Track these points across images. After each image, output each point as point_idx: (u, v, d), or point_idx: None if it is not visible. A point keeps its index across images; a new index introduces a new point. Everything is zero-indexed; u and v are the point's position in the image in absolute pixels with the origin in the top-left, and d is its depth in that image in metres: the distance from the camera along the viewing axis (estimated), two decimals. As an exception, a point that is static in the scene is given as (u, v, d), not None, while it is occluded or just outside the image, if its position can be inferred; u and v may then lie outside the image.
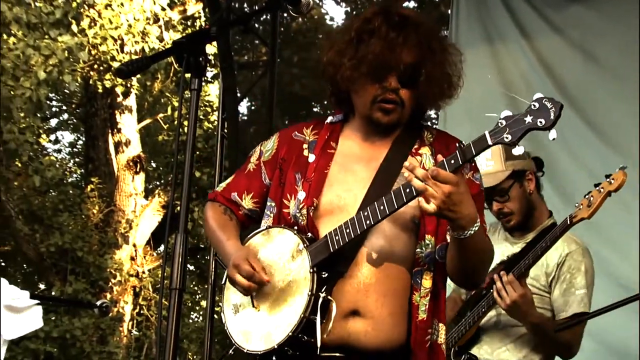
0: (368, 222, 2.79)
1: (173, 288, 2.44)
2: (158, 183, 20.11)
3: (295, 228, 2.96)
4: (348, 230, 2.82)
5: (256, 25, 10.35)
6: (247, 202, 3.20)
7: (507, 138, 2.60)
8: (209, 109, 16.46)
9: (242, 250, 3.00)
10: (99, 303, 5.17)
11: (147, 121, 18.30)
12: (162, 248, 17.09)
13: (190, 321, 18.33)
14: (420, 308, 2.91)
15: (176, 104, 16.24)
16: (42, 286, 18.23)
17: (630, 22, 6.28)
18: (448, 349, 4.28)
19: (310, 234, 2.92)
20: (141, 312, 16.08)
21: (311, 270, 2.84)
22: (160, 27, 14.98)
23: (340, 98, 3.12)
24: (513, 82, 6.95)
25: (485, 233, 2.92)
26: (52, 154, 20.21)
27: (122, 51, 14.38)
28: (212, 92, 16.45)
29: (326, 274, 2.85)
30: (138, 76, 15.40)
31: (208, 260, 10.19)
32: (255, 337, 2.94)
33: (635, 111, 6.15)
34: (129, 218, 15.85)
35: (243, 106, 16.17)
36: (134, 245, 15.89)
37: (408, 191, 2.70)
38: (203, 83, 2.68)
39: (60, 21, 12.30)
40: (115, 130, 16.39)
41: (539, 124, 2.59)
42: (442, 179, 2.60)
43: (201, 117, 16.10)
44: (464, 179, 2.73)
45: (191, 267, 17.84)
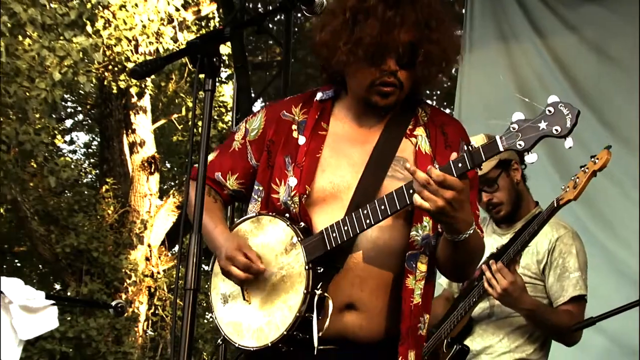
0: (368, 222, 2.71)
1: (187, 288, 2.44)
2: (172, 183, 20.17)
3: (286, 216, 2.87)
4: (346, 228, 2.73)
5: (270, 25, 10.34)
6: (232, 183, 3.08)
7: (520, 145, 2.48)
8: (223, 110, 16.49)
9: (233, 239, 2.90)
10: (114, 303, 5.17)
11: (162, 122, 18.34)
12: (177, 248, 17.12)
13: (205, 321, 18.31)
14: (415, 292, 2.82)
15: (190, 105, 16.26)
16: (58, 286, 18.31)
17: (644, 21, 6.26)
18: (440, 341, 4.28)
19: (302, 223, 2.83)
20: (156, 313, 16.11)
21: (306, 266, 2.76)
22: (174, 28, 15.00)
23: (332, 77, 2.99)
24: (527, 82, 6.93)
25: (478, 231, 2.82)
26: (68, 155, 20.28)
27: (137, 52, 14.40)
28: (227, 93, 16.47)
29: (322, 270, 2.77)
30: (152, 77, 15.43)
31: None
32: (246, 332, 2.87)
33: (650, 110, 6.14)
34: (144, 218, 15.87)
35: (257, 106, 16.06)
36: (149, 245, 15.92)
37: (411, 192, 2.60)
38: (217, 83, 2.67)
39: (75, 22, 12.33)
40: (129, 130, 16.42)
41: (554, 132, 2.46)
42: (448, 185, 2.51)
43: (215, 118, 16.13)
44: (469, 183, 2.61)
45: (206, 267, 17.79)
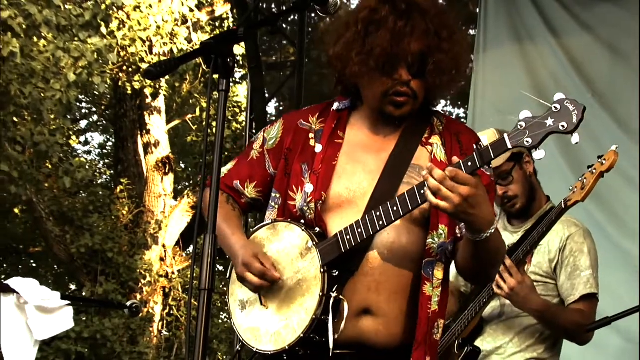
0: (381, 223, 2.73)
1: (202, 288, 2.44)
2: (187, 184, 20.21)
3: (302, 222, 2.90)
4: (360, 230, 2.76)
5: (284, 25, 10.34)
6: (250, 191, 3.11)
7: (528, 142, 2.51)
8: (238, 110, 16.52)
9: (250, 246, 2.93)
10: (129, 304, 5.19)
11: (176, 122, 18.39)
12: (192, 249, 17.16)
13: (220, 321, 18.34)
14: (433, 299, 2.84)
15: (205, 105, 16.29)
16: (73, 287, 18.38)
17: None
18: (452, 342, 4.27)
19: (318, 229, 2.86)
20: (171, 313, 16.15)
21: (322, 269, 2.78)
22: (188, 29, 15.04)
23: (347, 89, 3.03)
24: (542, 82, 6.92)
25: (499, 232, 2.83)
26: (82, 156, 20.38)
27: (151, 52, 14.44)
28: (241, 93, 16.50)
29: (337, 273, 2.79)
30: (167, 77, 15.48)
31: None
32: (264, 337, 2.90)
33: (665, 109, 6.13)
34: (159, 219, 15.92)
35: (271, 107, 16.11)
36: (164, 246, 15.96)
37: (422, 192, 2.62)
38: (231, 84, 2.68)
39: (89, 23, 12.37)
40: (144, 131, 16.47)
41: (561, 128, 2.49)
42: (461, 181, 2.53)
43: (229, 118, 16.15)
44: (482, 181, 2.63)
45: (220, 268, 17.88)
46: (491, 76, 7.31)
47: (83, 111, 21.17)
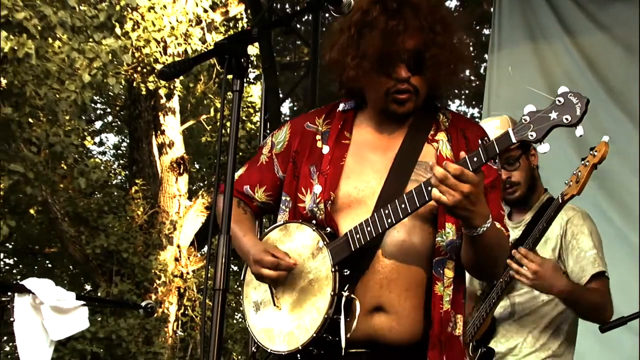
0: (390, 221, 2.75)
1: (216, 289, 2.45)
2: (201, 184, 20.23)
3: (313, 223, 2.91)
4: (369, 228, 2.77)
5: (298, 25, 10.36)
6: (260, 195, 3.15)
7: (532, 135, 2.54)
8: (252, 110, 16.53)
9: (260, 244, 2.97)
10: (144, 304, 5.20)
11: (190, 122, 18.42)
12: (206, 249, 17.16)
13: (234, 321, 18.37)
14: (444, 298, 2.85)
15: (219, 105, 16.31)
16: (88, 287, 18.44)
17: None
18: (466, 344, 4.26)
19: (329, 229, 2.88)
20: (186, 313, 16.17)
21: (333, 269, 2.80)
22: (202, 29, 15.06)
23: (351, 91, 3.07)
24: (556, 81, 6.90)
25: (497, 227, 2.84)
26: (97, 156, 20.48)
27: (165, 53, 14.48)
28: (255, 93, 16.52)
29: (348, 272, 2.81)
30: (181, 78, 15.52)
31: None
32: (277, 337, 2.92)
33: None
34: (173, 219, 15.94)
35: (285, 107, 16.14)
36: (178, 246, 15.98)
37: (430, 189, 2.64)
38: (245, 84, 2.68)
39: (104, 24, 12.41)
40: (158, 132, 16.50)
41: (565, 121, 2.51)
42: (465, 179, 2.55)
43: (244, 118, 16.16)
44: (490, 174, 2.67)
45: (235, 268, 17.92)
46: (506, 75, 7.29)
47: (98, 112, 21.27)
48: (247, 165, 3.25)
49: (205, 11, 14.88)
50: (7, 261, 20.60)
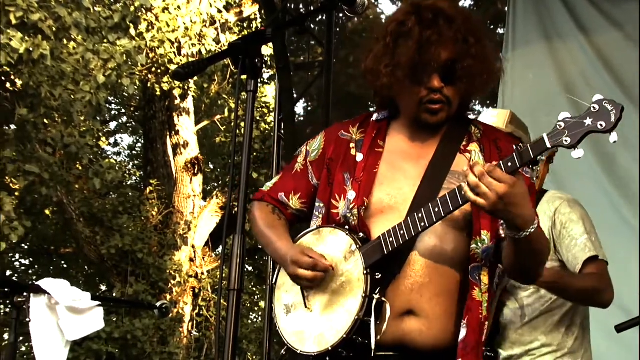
0: (423, 225, 2.76)
1: (231, 289, 2.45)
2: (216, 184, 20.25)
3: (346, 228, 2.94)
4: (402, 232, 2.80)
5: (312, 25, 10.34)
6: (295, 203, 3.19)
7: (567, 141, 2.56)
8: (266, 110, 16.52)
9: (296, 247, 3.00)
10: (159, 304, 5.21)
11: (205, 123, 18.44)
12: (221, 249, 17.19)
13: (249, 322, 18.41)
14: (483, 304, 2.86)
15: (233, 106, 16.33)
16: (104, 287, 18.48)
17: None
18: None
19: (362, 234, 2.90)
20: (201, 313, 16.19)
21: (365, 272, 2.83)
22: (216, 30, 15.09)
23: (384, 100, 3.11)
24: (571, 79, 6.88)
25: (544, 234, 2.86)
26: (112, 157, 20.53)
27: (180, 54, 14.51)
28: (269, 93, 16.52)
29: (380, 275, 2.83)
30: (195, 78, 15.53)
31: (266, 261, 10.23)
32: (308, 339, 2.94)
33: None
34: (188, 219, 15.96)
35: (299, 107, 16.09)
36: (193, 246, 16.00)
37: (463, 193, 2.66)
38: (259, 84, 2.69)
39: (118, 25, 12.43)
40: (173, 132, 16.53)
41: (599, 127, 2.54)
42: (497, 178, 2.57)
43: (258, 119, 16.17)
44: (523, 181, 2.67)
45: (249, 268, 17.92)
46: (520, 74, 7.27)
47: (112, 113, 21.32)
48: (282, 173, 3.31)
49: (219, 12, 14.90)
50: (23, 262, 20.73)
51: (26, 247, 19.52)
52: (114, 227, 15.33)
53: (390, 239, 2.81)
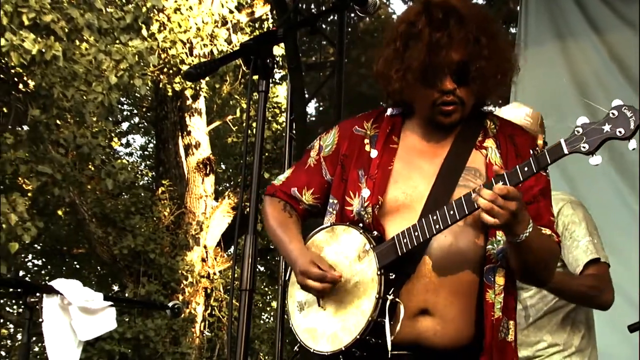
0: (438, 227, 2.75)
1: (243, 289, 2.45)
2: (228, 185, 20.27)
3: (360, 226, 2.92)
4: (417, 233, 2.77)
5: (323, 26, 10.36)
6: (308, 198, 3.15)
7: (585, 147, 2.55)
8: (277, 110, 16.55)
9: (306, 254, 2.96)
10: (171, 304, 5.21)
11: (217, 123, 18.45)
12: (233, 249, 17.21)
13: (261, 322, 18.40)
14: (495, 306, 2.85)
15: (245, 106, 16.33)
16: (116, 288, 18.54)
17: None
18: None
19: (376, 232, 2.88)
20: (213, 313, 16.21)
21: (379, 272, 2.81)
22: (228, 30, 15.11)
23: (397, 103, 3.08)
24: (584, 79, 6.87)
25: (541, 231, 2.84)
26: (124, 158, 20.58)
27: (191, 54, 14.53)
28: (280, 94, 16.54)
29: (393, 275, 2.81)
30: (207, 79, 15.56)
31: (278, 261, 10.24)
32: (321, 337, 2.92)
33: None
34: (200, 220, 15.98)
35: (311, 107, 16.20)
36: (205, 246, 16.02)
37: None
38: (271, 84, 2.69)
39: (130, 26, 12.44)
40: (185, 132, 16.55)
41: (618, 134, 2.53)
42: (511, 197, 2.58)
43: (269, 119, 16.19)
44: (540, 183, 2.70)
45: (261, 268, 17.92)
46: (532, 74, 7.25)
47: (124, 113, 21.36)
48: (294, 167, 3.26)
49: (230, 12, 14.92)
50: (36, 262, 20.79)
51: (39, 248, 19.56)
52: (126, 228, 15.36)
53: (404, 240, 2.79)
